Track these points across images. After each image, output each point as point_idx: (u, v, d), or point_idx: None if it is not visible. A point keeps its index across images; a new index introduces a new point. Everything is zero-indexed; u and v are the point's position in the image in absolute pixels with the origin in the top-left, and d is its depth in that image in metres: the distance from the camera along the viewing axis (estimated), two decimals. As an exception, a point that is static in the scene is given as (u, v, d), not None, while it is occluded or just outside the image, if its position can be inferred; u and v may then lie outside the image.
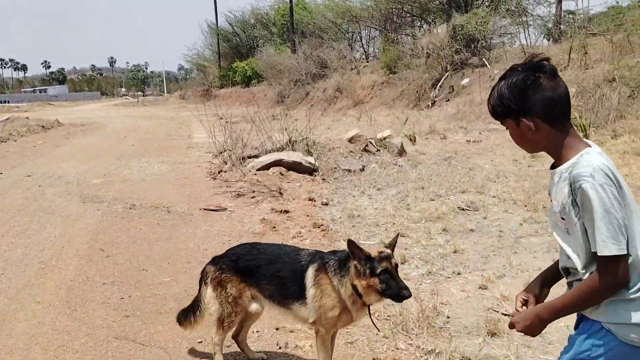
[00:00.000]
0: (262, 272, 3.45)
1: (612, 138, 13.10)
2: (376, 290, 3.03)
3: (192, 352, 3.85)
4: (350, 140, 11.28)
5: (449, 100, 22.10)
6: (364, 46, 37.28)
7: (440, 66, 23.69)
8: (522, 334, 2.10)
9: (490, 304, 4.60)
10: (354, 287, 3.12)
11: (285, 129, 11.28)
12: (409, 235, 6.54)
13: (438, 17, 28.75)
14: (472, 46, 23.11)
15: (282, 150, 10.66)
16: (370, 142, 11.26)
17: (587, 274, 1.93)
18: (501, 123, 2.15)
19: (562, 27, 23.64)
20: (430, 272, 5.34)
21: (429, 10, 29.90)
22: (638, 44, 16.77)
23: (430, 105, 22.56)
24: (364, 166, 10.51)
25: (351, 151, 11.04)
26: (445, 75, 23.07)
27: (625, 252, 1.83)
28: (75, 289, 5.01)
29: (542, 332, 2.09)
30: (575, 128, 2.06)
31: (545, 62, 2.02)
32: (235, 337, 3.76)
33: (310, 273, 3.30)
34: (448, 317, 4.39)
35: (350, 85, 28.61)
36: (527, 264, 5.47)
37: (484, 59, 22.50)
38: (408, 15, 32.06)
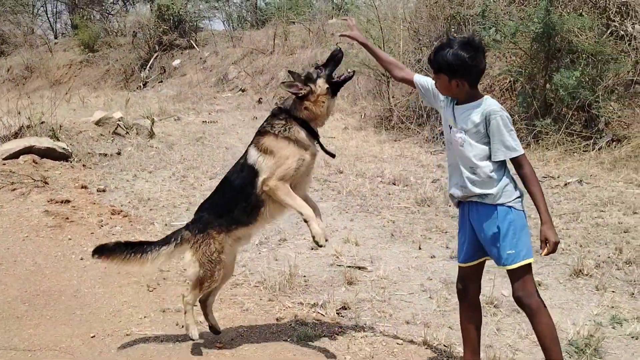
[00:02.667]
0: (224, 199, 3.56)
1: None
2: (327, 90, 3.42)
3: (91, 347, 3.53)
4: (98, 123, 10.54)
5: (162, 81, 21.97)
6: (50, 20, 33.70)
7: (148, 46, 23.26)
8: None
9: (330, 260, 5.27)
10: (301, 120, 3.43)
11: (19, 112, 9.92)
12: (213, 213, 6.75)
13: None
14: (180, 27, 23.27)
15: (20, 136, 9.39)
16: (119, 125, 10.72)
17: (485, 168, 2.89)
18: (434, 73, 2.96)
19: (258, 13, 25.46)
20: (260, 242, 5.74)
21: (124, -13, 28.72)
22: (331, 32, 19.42)
23: (142, 86, 22.02)
24: (120, 150, 10.02)
25: (101, 134, 10.35)
26: (155, 55, 22.79)
27: None
28: None
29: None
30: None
31: (480, 42, 2.95)
32: (204, 301, 3.69)
33: (251, 149, 3.52)
34: (304, 276, 4.91)
35: (43, 64, 25.68)
36: (334, 224, 6.33)
37: (191, 41, 22.94)
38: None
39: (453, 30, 11.11)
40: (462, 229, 3.12)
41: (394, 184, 7.99)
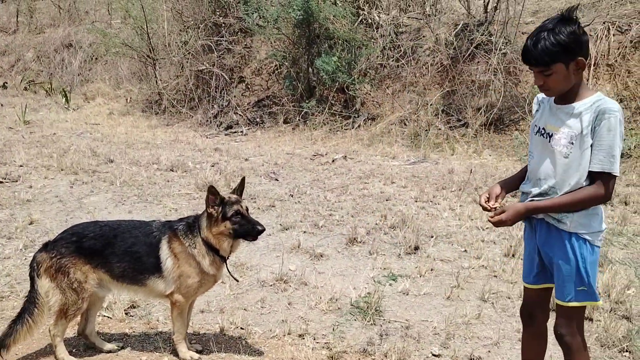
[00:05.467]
0: (112, 249, 3.16)
1: (85, 101, 14.04)
2: (229, 233, 3.15)
3: None
4: None
5: None
6: None
7: None
8: (498, 225, 2.52)
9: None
10: (207, 243, 3.19)
11: None
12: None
13: None
14: None
15: None
16: None
17: (571, 188, 2.41)
18: (545, 68, 2.35)
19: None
20: (26, 247, 5.10)
21: None
22: (85, 11, 17.90)
23: None
24: None
25: None
26: None
27: None
28: None
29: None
30: (45, 92, 2.46)
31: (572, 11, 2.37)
32: (82, 332, 3.43)
33: (164, 243, 3.22)
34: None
35: None
36: (110, 219, 5.91)
37: None
38: None
39: (218, 13, 11.11)
40: (528, 248, 2.67)
41: (172, 171, 7.78)
